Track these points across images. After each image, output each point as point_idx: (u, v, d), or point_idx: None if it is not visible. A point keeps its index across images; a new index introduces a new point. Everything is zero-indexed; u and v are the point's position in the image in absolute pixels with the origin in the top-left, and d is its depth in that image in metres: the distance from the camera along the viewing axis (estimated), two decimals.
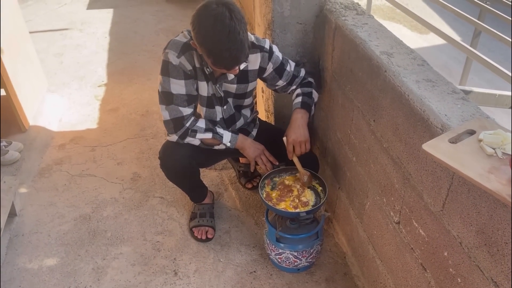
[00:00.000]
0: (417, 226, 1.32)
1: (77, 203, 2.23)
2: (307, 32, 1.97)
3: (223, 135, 1.78)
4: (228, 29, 1.42)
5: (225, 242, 2.02)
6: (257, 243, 2.01)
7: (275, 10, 1.90)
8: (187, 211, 2.17)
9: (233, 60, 1.48)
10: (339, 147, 1.88)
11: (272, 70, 1.77)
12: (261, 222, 2.11)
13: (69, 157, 2.56)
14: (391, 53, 1.46)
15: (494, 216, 0.97)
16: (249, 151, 1.83)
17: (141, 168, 2.47)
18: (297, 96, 1.84)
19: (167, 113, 1.69)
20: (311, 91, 1.85)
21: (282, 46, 1.98)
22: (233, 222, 2.13)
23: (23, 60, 2.78)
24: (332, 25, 1.79)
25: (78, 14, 4.72)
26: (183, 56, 1.62)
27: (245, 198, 2.26)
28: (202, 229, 2.02)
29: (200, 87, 1.72)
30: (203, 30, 1.44)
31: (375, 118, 1.50)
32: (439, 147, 1.03)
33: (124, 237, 2.04)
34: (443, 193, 1.15)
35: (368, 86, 1.52)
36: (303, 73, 1.86)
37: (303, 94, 1.83)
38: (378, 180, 1.54)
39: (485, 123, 1.10)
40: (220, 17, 1.42)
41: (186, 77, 1.65)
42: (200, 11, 1.46)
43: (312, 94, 1.85)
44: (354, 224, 1.83)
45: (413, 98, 1.25)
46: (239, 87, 1.79)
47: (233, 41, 1.43)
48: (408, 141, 1.30)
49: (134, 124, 2.84)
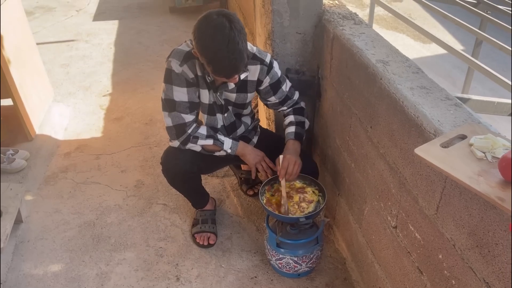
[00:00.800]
0: (413, 229, 1.34)
1: (82, 210, 2.27)
2: (306, 41, 2.02)
3: (224, 142, 1.82)
4: (228, 38, 1.47)
5: (227, 248, 2.05)
6: (258, 249, 2.04)
7: (275, 20, 1.95)
8: (189, 218, 2.20)
9: (232, 69, 1.53)
10: (338, 153, 1.91)
11: (268, 84, 1.82)
12: (262, 228, 2.14)
13: (74, 164, 2.61)
14: (387, 61, 1.50)
15: (484, 217, 1.00)
16: (249, 157, 1.87)
17: (144, 175, 2.51)
18: (290, 125, 1.90)
19: (169, 120, 1.74)
20: (304, 120, 1.91)
21: (282, 55, 2.03)
22: (235, 228, 2.16)
23: (30, 70, 2.84)
24: (330, 34, 1.84)
25: (84, 26, 4.81)
26: (185, 65, 1.67)
27: (247, 205, 2.29)
28: (204, 235, 2.05)
29: (202, 95, 1.77)
30: (204, 40, 1.49)
31: (372, 124, 1.53)
32: (431, 151, 1.06)
33: (127, 243, 2.08)
34: (436, 196, 1.18)
35: (365, 93, 1.56)
36: (297, 96, 1.92)
37: (296, 123, 1.89)
38: (375, 185, 1.57)
39: (476, 128, 1.13)
40: (220, 27, 1.47)
41: (188, 85, 1.70)
42: (201, 21, 1.51)
43: (305, 124, 1.91)
44: (354, 230, 1.85)
45: (407, 104, 1.28)
46: (238, 97, 1.84)
47: (232, 51, 1.48)
48: (403, 146, 1.33)
49: (138, 133, 2.89)
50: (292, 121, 1.90)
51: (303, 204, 1.79)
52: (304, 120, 1.92)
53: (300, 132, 1.87)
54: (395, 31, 7.19)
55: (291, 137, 1.86)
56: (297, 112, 1.92)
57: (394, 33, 7.21)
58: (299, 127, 1.88)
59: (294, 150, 1.84)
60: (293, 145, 1.85)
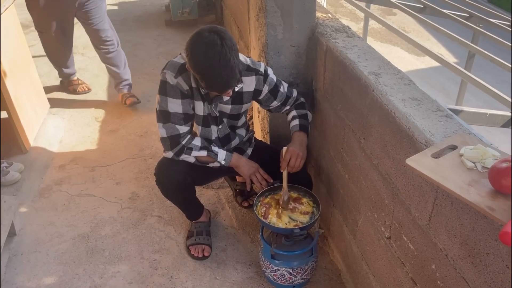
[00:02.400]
0: (406, 240, 1.35)
1: (76, 223, 2.26)
2: (300, 54, 2.04)
3: (218, 154, 1.82)
4: (219, 55, 1.49)
5: (222, 260, 2.04)
6: (253, 261, 2.03)
7: (269, 33, 1.97)
8: (184, 230, 2.20)
9: (224, 85, 1.56)
10: (332, 164, 1.92)
11: (267, 92, 1.84)
12: (257, 239, 2.14)
13: (69, 177, 2.60)
14: (379, 73, 1.52)
15: (476, 227, 1.01)
16: (243, 169, 1.88)
17: (139, 187, 2.51)
18: (294, 119, 1.91)
19: (164, 130, 1.75)
20: (306, 113, 1.92)
21: (276, 68, 2.05)
22: (230, 240, 2.15)
23: (26, 83, 2.85)
24: (323, 47, 1.86)
25: (80, 39, 4.80)
26: (180, 77, 1.69)
27: (242, 216, 2.29)
28: (199, 247, 2.04)
29: (196, 106, 1.78)
30: (196, 57, 1.52)
31: (365, 136, 1.55)
32: (422, 161, 1.07)
33: (121, 255, 2.06)
34: (429, 206, 1.19)
35: (357, 105, 1.57)
36: (296, 93, 1.93)
37: (299, 116, 1.90)
38: (369, 196, 1.58)
39: (466, 139, 1.14)
40: (211, 44, 1.49)
41: (183, 97, 1.71)
42: (193, 38, 1.54)
43: (307, 115, 1.92)
44: (348, 241, 1.85)
45: (399, 116, 1.30)
46: (233, 108, 1.85)
47: (224, 67, 1.50)
48: (396, 157, 1.34)
49: (133, 145, 2.90)
50: (295, 115, 1.91)
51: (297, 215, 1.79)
52: (307, 112, 1.92)
53: (304, 124, 1.88)
54: (389, 44, 7.27)
55: (296, 130, 1.87)
56: (299, 107, 1.93)
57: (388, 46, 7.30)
58: (303, 119, 1.89)
59: (299, 141, 1.84)
60: (299, 136, 1.85)
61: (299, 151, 1.81)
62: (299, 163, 1.81)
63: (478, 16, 5.76)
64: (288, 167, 1.81)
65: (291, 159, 1.80)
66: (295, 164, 1.81)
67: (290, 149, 1.81)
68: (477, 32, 4.91)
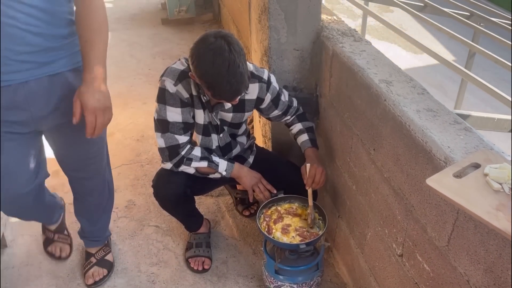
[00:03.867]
0: (421, 260, 1.27)
1: (70, 233, 2.17)
2: (304, 58, 1.95)
3: (218, 164, 1.74)
4: (228, 62, 1.40)
5: (222, 273, 1.96)
6: (255, 274, 1.95)
7: (272, 37, 1.88)
8: (183, 241, 2.11)
9: (234, 92, 1.47)
10: (338, 174, 1.84)
11: (270, 101, 1.76)
12: (259, 251, 2.06)
13: (62, 184, 2.50)
14: (390, 81, 1.44)
15: (503, 254, 0.93)
16: (245, 179, 1.79)
17: (136, 195, 2.42)
18: (302, 133, 1.84)
19: (162, 141, 1.66)
20: (312, 125, 1.88)
21: (279, 72, 1.97)
22: (231, 251, 2.07)
23: None
24: (329, 52, 1.78)
25: None
26: (180, 84, 1.60)
27: (243, 226, 2.21)
28: (199, 259, 1.96)
29: (197, 115, 1.69)
30: (203, 64, 1.43)
31: (375, 147, 1.47)
32: (444, 181, 0.99)
33: (118, 268, 1.98)
34: (448, 227, 1.11)
35: (367, 114, 1.49)
36: (296, 103, 1.87)
37: (307, 130, 1.84)
38: (379, 210, 1.50)
39: (489, 156, 1.06)
40: (219, 50, 1.40)
41: (182, 105, 1.62)
42: (199, 44, 1.44)
43: (313, 128, 1.88)
44: (355, 254, 1.77)
45: (414, 128, 1.22)
46: (235, 116, 1.77)
47: (233, 74, 1.41)
48: (410, 172, 1.26)
49: (129, 150, 2.80)
50: (302, 128, 1.85)
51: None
52: (312, 125, 1.88)
53: (314, 139, 1.83)
54: (387, 41, 7.20)
55: (308, 146, 1.81)
56: (302, 119, 1.87)
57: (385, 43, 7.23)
58: (311, 133, 1.84)
59: (316, 157, 1.79)
60: (314, 152, 1.80)
61: (322, 167, 1.76)
62: (323, 179, 1.75)
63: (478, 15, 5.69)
64: (313, 184, 1.74)
65: (315, 176, 1.73)
66: (319, 180, 1.74)
67: (315, 166, 1.74)
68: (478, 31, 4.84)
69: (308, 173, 1.73)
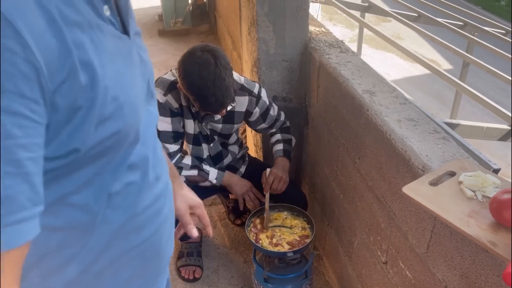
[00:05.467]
0: (403, 267, 1.29)
1: None
2: (293, 69, 1.99)
3: (209, 172, 1.77)
4: (214, 76, 1.44)
5: (213, 281, 1.98)
6: (246, 282, 1.96)
7: (261, 48, 1.92)
8: (174, 250, 2.13)
9: (219, 105, 1.51)
10: (327, 183, 1.87)
11: (258, 115, 1.79)
12: (249, 260, 2.07)
13: None
14: (374, 91, 1.48)
15: (476, 260, 0.96)
16: (236, 188, 1.82)
17: None
18: (278, 143, 1.89)
19: None
20: (291, 138, 1.91)
21: (269, 83, 2.00)
22: (222, 260, 2.09)
23: None
24: (316, 63, 1.81)
25: None
26: (169, 94, 1.64)
27: (234, 235, 2.23)
28: (190, 268, 1.98)
29: (187, 125, 1.73)
30: (189, 77, 1.47)
31: (360, 156, 1.50)
32: (419, 189, 1.02)
33: None
34: (427, 234, 1.14)
35: (352, 124, 1.52)
36: (283, 117, 1.91)
37: (284, 141, 1.88)
38: (364, 218, 1.53)
39: (465, 164, 1.09)
40: (205, 63, 1.45)
41: (172, 115, 1.66)
42: (186, 58, 1.49)
43: (291, 141, 1.91)
44: (344, 262, 1.79)
45: (394, 138, 1.25)
46: (224, 127, 1.80)
47: (218, 87, 1.46)
48: (392, 181, 1.29)
49: None
50: (279, 139, 1.89)
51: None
52: (291, 138, 1.91)
53: (287, 150, 1.87)
54: (384, 50, 7.27)
55: (279, 155, 1.86)
56: (284, 131, 1.91)
57: (383, 52, 7.30)
58: (287, 145, 1.88)
59: (282, 166, 1.83)
60: (282, 161, 1.84)
61: (281, 173, 1.80)
62: (281, 186, 1.80)
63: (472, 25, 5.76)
64: (271, 190, 1.79)
65: (273, 182, 1.79)
66: (277, 187, 1.79)
67: (273, 171, 1.80)
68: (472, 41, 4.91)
69: (267, 179, 1.79)
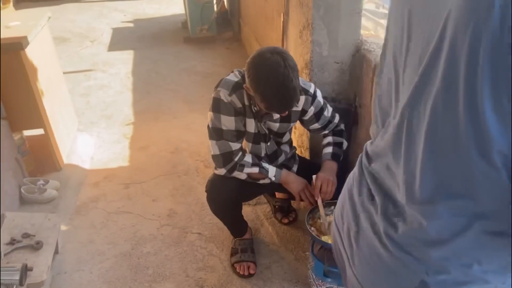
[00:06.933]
0: None
1: (116, 240, 2.25)
2: (343, 71, 2.06)
3: (268, 170, 1.83)
4: (283, 77, 1.51)
5: (267, 277, 2.02)
6: (299, 279, 2.01)
7: (314, 50, 1.99)
8: (226, 247, 2.18)
9: (286, 106, 1.59)
10: None
11: (312, 114, 1.85)
12: (300, 257, 2.12)
13: (104, 194, 2.60)
14: None
15: None
16: (293, 185, 1.88)
17: (176, 204, 2.50)
18: (328, 145, 1.93)
19: (217, 148, 1.75)
20: (342, 141, 1.94)
21: (320, 84, 2.07)
22: (273, 257, 2.14)
23: (59, 100, 2.87)
24: (371, 64, 1.87)
25: (99, 56, 4.88)
26: (234, 95, 1.70)
27: (282, 233, 2.28)
28: (244, 264, 2.03)
29: (248, 124, 1.79)
30: (258, 78, 1.54)
31: None
32: None
33: (166, 273, 2.05)
34: None
35: None
36: (337, 119, 1.95)
37: (334, 144, 1.92)
38: None
39: None
40: (275, 65, 1.51)
41: (236, 114, 1.72)
42: (255, 59, 1.56)
43: (343, 144, 1.94)
44: None
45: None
46: (281, 126, 1.87)
47: (286, 88, 1.52)
48: None
49: (165, 162, 2.90)
50: (330, 142, 1.93)
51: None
52: (342, 141, 1.94)
53: (337, 153, 1.90)
54: None
55: (327, 158, 1.89)
56: (336, 134, 1.95)
57: None
58: (337, 148, 1.92)
59: (329, 169, 1.86)
60: (329, 164, 1.88)
61: (329, 177, 1.83)
62: (330, 189, 1.83)
63: None
64: (321, 194, 1.82)
65: (322, 186, 1.81)
66: (327, 190, 1.82)
67: (321, 175, 1.83)
68: None
69: (315, 184, 1.82)
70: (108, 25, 5.99)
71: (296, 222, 2.33)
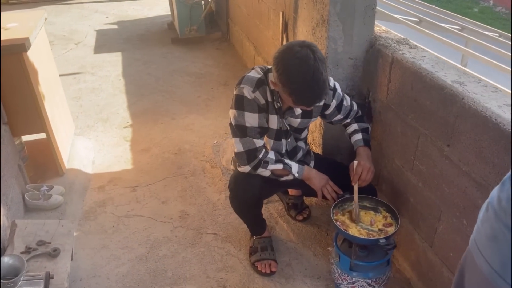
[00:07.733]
0: None
1: (130, 244, 2.20)
2: (357, 66, 2.08)
3: (292, 166, 1.83)
4: (313, 70, 1.51)
5: (289, 274, 2.02)
6: (321, 274, 2.02)
7: (330, 47, 2.00)
8: (243, 246, 2.17)
9: (316, 98, 1.58)
10: (399, 174, 1.94)
11: (334, 107, 1.86)
12: (319, 253, 2.13)
13: (111, 198, 2.54)
14: (462, 82, 1.56)
15: None
16: (315, 181, 1.88)
17: (187, 205, 2.47)
18: (356, 132, 1.94)
19: (241, 145, 1.74)
20: (368, 127, 1.96)
21: (334, 80, 2.07)
22: (292, 254, 2.13)
23: (58, 104, 2.79)
24: (388, 59, 1.90)
25: (86, 59, 4.76)
26: (257, 91, 1.69)
27: (298, 230, 2.28)
28: (265, 262, 2.02)
29: (270, 120, 1.78)
30: (288, 71, 1.53)
31: (450, 143, 1.58)
32: None
33: (186, 275, 2.02)
34: None
35: (440, 113, 1.60)
36: (356, 106, 1.97)
37: (361, 130, 1.93)
38: (455, 202, 1.60)
39: None
40: (305, 58, 1.51)
41: (259, 111, 1.72)
42: (284, 53, 1.55)
43: (369, 129, 1.96)
44: (422, 249, 1.86)
45: (502, 121, 1.33)
46: (302, 122, 1.87)
47: (316, 81, 1.52)
48: (497, 162, 1.37)
49: (169, 163, 2.85)
50: (357, 128, 1.94)
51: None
52: (367, 126, 1.96)
53: (367, 139, 1.92)
54: None
55: (361, 144, 1.90)
56: (359, 120, 1.97)
57: None
58: (365, 134, 1.93)
59: (366, 155, 1.87)
60: (364, 151, 1.88)
61: (368, 164, 1.84)
62: (370, 176, 1.84)
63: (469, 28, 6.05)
64: (359, 181, 1.83)
65: (362, 173, 1.82)
66: (366, 178, 1.83)
67: (362, 163, 1.83)
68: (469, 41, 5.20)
69: (355, 170, 1.83)
70: (90, 27, 5.86)
71: (310, 218, 2.33)
